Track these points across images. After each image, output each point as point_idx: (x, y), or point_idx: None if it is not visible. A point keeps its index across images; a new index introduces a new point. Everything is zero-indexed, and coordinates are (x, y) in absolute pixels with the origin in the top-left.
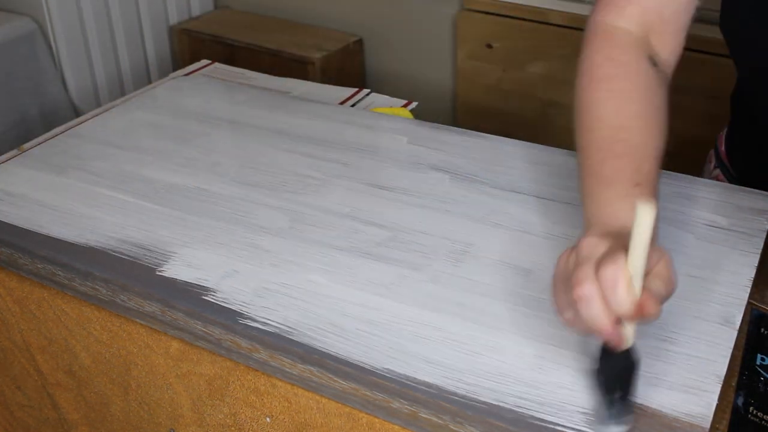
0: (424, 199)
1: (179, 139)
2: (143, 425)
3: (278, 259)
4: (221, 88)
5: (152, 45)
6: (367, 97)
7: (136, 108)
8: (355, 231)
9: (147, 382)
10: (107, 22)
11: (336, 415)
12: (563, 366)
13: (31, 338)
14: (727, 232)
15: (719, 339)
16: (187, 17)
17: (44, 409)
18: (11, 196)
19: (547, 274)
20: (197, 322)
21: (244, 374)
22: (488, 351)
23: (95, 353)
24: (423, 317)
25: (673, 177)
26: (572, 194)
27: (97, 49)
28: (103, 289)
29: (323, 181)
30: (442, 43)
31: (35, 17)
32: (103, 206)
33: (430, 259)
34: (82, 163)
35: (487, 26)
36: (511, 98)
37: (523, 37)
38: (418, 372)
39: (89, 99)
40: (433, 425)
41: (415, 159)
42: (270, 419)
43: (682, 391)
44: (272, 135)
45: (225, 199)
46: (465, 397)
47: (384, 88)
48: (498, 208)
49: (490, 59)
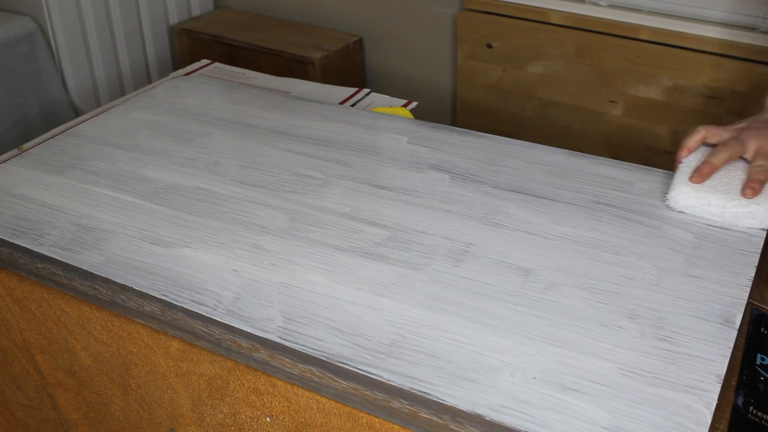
0: (424, 199)
1: (179, 139)
2: (143, 425)
3: (278, 258)
4: (221, 88)
5: (152, 45)
6: (367, 97)
7: (135, 108)
8: (355, 231)
9: (147, 382)
10: (107, 22)
11: (336, 415)
12: (563, 366)
13: (31, 338)
14: (727, 232)
15: (719, 339)
16: (187, 17)
17: (44, 409)
18: (11, 196)
19: (548, 274)
20: (197, 322)
21: (244, 374)
22: (488, 351)
23: (95, 353)
24: (423, 317)
25: None
26: (572, 194)
27: (97, 49)
28: (103, 289)
29: (323, 181)
30: (442, 43)
31: (35, 17)
32: (103, 206)
33: (430, 259)
34: (81, 163)
35: (487, 26)
36: (511, 98)
37: (523, 37)
38: (418, 372)
39: (89, 99)
40: (433, 425)
41: (415, 159)
42: (270, 419)
43: (682, 391)
44: (272, 135)
45: (225, 199)
46: (465, 397)
47: (384, 88)
48: (498, 208)
49: (490, 59)
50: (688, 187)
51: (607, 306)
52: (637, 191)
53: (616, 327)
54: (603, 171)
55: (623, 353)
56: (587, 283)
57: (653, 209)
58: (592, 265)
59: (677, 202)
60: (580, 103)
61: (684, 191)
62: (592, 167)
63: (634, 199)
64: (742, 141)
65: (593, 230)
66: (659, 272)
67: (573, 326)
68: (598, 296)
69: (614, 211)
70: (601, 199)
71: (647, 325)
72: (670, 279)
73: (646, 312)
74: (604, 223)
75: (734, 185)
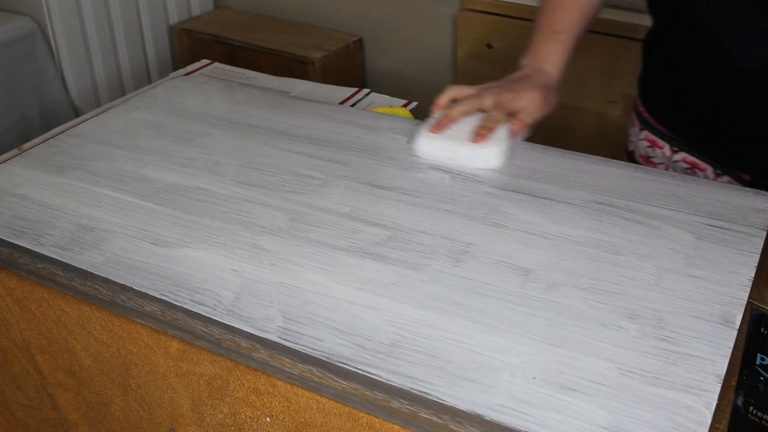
0: (424, 199)
1: (179, 139)
2: (143, 425)
3: (278, 258)
4: (221, 88)
5: (152, 45)
6: (367, 97)
7: (135, 108)
8: (355, 231)
9: (147, 382)
10: (107, 22)
11: (336, 415)
12: (563, 366)
13: (31, 338)
14: (727, 232)
15: (719, 339)
16: (187, 17)
17: (44, 409)
18: (11, 196)
19: (548, 274)
20: (197, 322)
21: (244, 374)
22: (488, 351)
23: (95, 353)
24: (423, 317)
25: (674, 177)
26: (572, 194)
27: (97, 49)
28: (103, 289)
29: (323, 181)
30: (442, 43)
31: (35, 17)
32: (103, 206)
33: (430, 258)
34: (81, 163)
35: (487, 26)
36: None
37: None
38: (418, 372)
39: (89, 99)
40: (433, 425)
41: (415, 159)
42: (270, 419)
43: (682, 391)
44: (272, 135)
45: (225, 199)
46: (465, 397)
47: (384, 88)
48: (498, 208)
49: (490, 59)
50: (428, 136)
51: (607, 306)
52: (637, 191)
53: (616, 327)
54: (603, 171)
55: (623, 353)
56: (587, 283)
57: (653, 209)
58: (592, 265)
59: (418, 149)
60: (580, 103)
61: (423, 139)
62: (592, 167)
63: (634, 199)
64: (481, 96)
65: (593, 230)
66: (659, 272)
67: (573, 326)
68: (598, 296)
69: (614, 211)
70: (601, 199)
71: (647, 325)
72: (670, 279)
73: (646, 312)
74: (604, 223)
75: (467, 133)
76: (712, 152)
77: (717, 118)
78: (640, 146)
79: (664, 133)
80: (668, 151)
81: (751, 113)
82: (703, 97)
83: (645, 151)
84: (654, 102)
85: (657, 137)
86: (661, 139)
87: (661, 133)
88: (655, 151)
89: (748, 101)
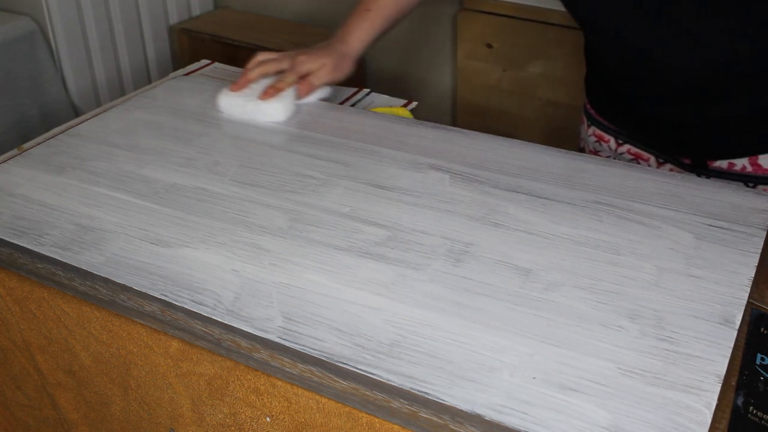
0: (424, 199)
1: (179, 139)
2: (143, 425)
3: (278, 258)
4: (221, 88)
5: (152, 45)
6: (367, 97)
7: (135, 108)
8: (355, 231)
9: (147, 382)
10: (107, 22)
11: (336, 415)
12: (563, 366)
13: (31, 338)
14: (727, 232)
15: (719, 339)
16: (187, 17)
17: (44, 409)
18: (11, 196)
19: (547, 274)
20: (197, 322)
21: (244, 374)
22: (488, 351)
23: (95, 353)
24: (423, 317)
25: (674, 177)
26: (572, 194)
27: (97, 49)
28: (103, 289)
29: (323, 181)
30: (442, 43)
31: (35, 17)
32: (103, 206)
33: (430, 259)
34: (81, 163)
35: (487, 26)
36: (511, 98)
37: (523, 37)
38: (418, 372)
39: (89, 99)
40: (433, 425)
41: (415, 159)
42: (270, 419)
43: (682, 391)
44: (272, 135)
45: (225, 199)
46: (465, 397)
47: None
48: (498, 208)
49: (490, 59)
50: (227, 94)
51: (607, 306)
52: (637, 191)
53: (616, 327)
54: (603, 170)
55: (623, 353)
56: (587, 283)
57: (653, 209)
58: (592, 265)
59: (218, 105)
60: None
61: (222, 97)
62: (592, 167)
63: (634, 199)
64: (280, 60)
65: (593, 230)
66: (659, 272)
67: (573, 326)
68: (598, 296)
69: (614, 211)
70: (601, 199)
71: (647, 325)
72: (670, 279)
73: (646, 312)
74: (604, 223)
75: (259, 91)
76: (652, 141)
77: (648, 109)
78: (589, 142)
79: (609, 128)
80: (614, 144)
81: (669, 99)
82: (629, 93)
83: (593, 146)
84: (597, 100)
85: (603, 132)
86: (607, 133)
87: (606, 128)
88: (602, 146)
89: (663, 89)
